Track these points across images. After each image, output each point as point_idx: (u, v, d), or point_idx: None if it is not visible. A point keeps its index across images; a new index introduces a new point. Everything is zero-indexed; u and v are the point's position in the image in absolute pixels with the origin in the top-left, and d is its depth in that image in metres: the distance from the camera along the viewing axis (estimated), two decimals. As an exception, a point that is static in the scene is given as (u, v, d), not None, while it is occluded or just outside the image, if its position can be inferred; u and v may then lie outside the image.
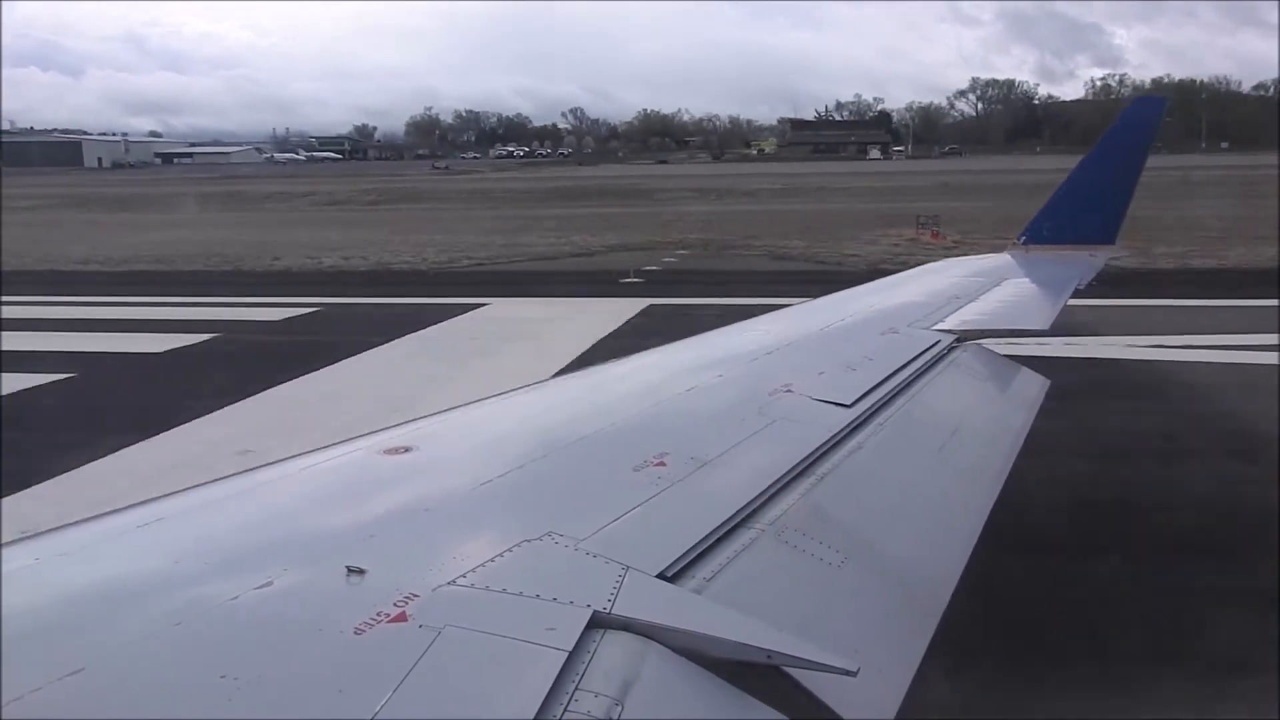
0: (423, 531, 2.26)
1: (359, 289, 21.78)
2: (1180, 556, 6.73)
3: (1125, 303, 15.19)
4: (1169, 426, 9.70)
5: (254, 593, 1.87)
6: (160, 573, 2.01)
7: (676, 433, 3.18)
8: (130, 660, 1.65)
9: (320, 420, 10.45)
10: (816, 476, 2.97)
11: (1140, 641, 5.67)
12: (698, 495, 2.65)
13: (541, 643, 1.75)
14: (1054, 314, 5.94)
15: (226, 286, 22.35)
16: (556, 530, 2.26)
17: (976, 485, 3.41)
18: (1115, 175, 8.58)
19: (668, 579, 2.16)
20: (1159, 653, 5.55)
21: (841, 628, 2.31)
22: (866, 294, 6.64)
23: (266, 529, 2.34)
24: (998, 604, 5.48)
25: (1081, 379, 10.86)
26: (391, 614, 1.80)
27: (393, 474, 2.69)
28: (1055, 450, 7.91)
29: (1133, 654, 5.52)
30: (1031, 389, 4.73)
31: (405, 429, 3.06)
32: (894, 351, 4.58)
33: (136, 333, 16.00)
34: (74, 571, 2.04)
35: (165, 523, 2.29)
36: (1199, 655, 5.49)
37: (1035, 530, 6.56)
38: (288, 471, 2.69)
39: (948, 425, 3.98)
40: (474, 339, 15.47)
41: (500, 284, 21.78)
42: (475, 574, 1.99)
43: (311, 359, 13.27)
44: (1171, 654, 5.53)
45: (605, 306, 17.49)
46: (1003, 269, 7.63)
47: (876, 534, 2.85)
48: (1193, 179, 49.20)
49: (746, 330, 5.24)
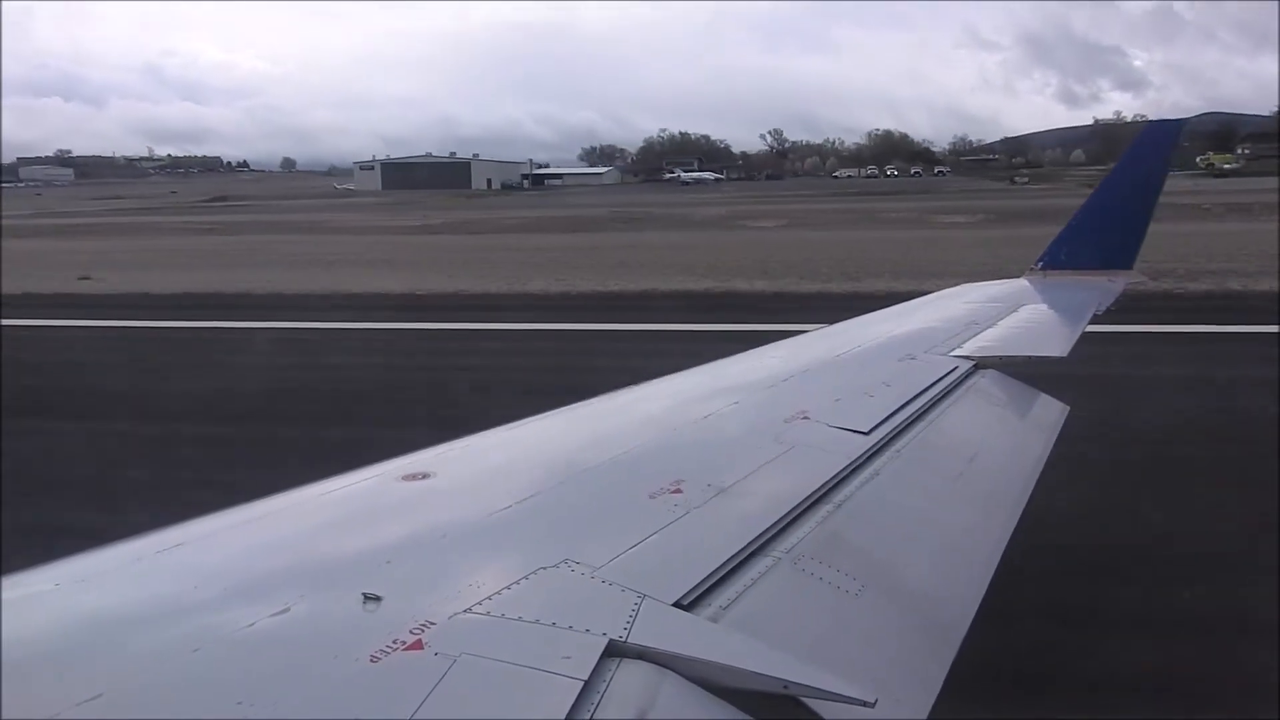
0: (439, 559, 2.27)
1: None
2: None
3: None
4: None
5: (270, 619, 1.88)
6: (178, 599, 2.02)
7: (693, 460, 3.17)
8: (148, 686, 1.65)
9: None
10: (834, 504, 2.96)
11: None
12: (714, 523, 2.64)
13: (557, 671, 1.75)
14: (1073, 340, 5.90)
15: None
16: (573, 558, 2.25)
17: (995, 513, 3.38)
18: (1132, 199, 8.53)
19: (684, 607, 2.15)
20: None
21: (859, 657, 2.29)
22: (883, 319, 6.62)
23: (284, 555, 2.35)
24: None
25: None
26: (408, 642, 1.80)
27: (410, 501, 2.70)
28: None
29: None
30: (1050, 415, 4.70)
31: (424, 455, 3.07)
32: (911, 377, 4.56)
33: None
34: (93, 596, 2.05)
35: (184, 549, 2.30)
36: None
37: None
38: (306, 498, 2.70)
39: (966, 452, 3.96)
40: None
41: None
42: (491, 601, 1.99)
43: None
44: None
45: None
46: (1020, 294, 7.60)
47: (894, 562, 2.83)
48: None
49: (762, 356, 5.23)
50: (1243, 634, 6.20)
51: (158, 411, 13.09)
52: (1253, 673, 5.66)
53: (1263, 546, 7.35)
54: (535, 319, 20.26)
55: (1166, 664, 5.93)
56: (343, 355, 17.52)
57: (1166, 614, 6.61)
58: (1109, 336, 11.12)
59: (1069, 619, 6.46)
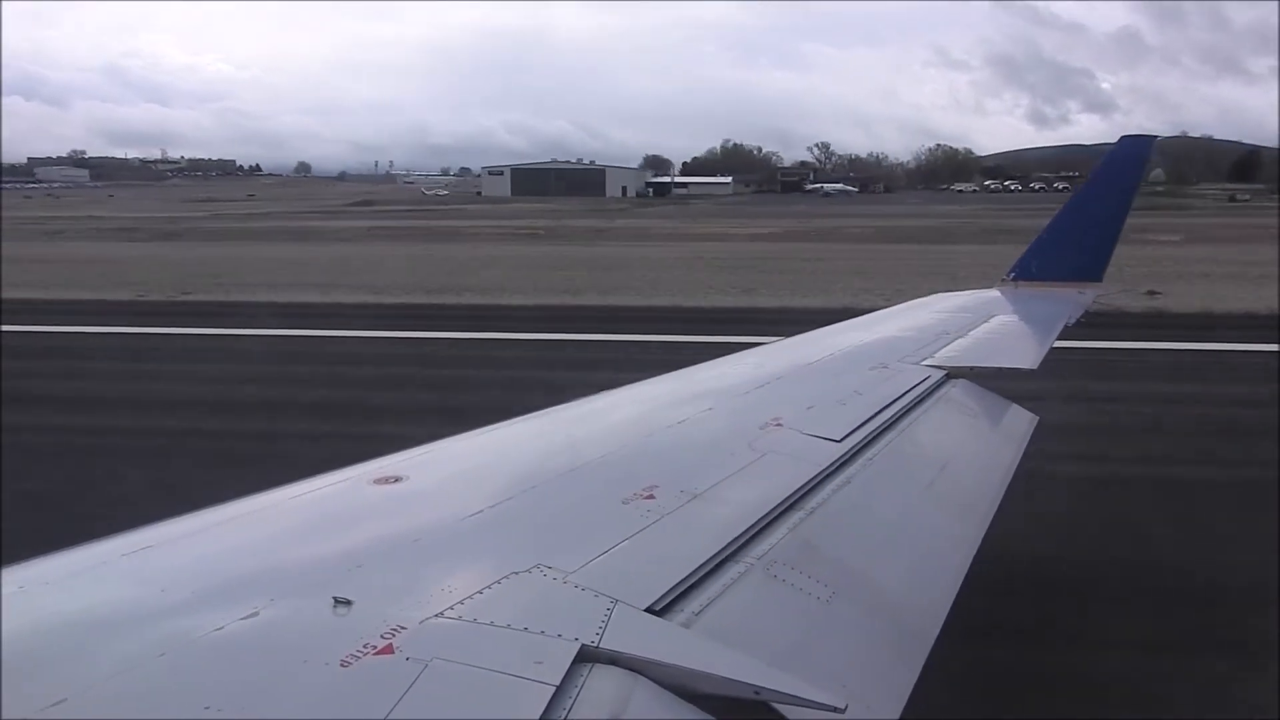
0: (411, 563, 2.26)
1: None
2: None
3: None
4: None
5: (240, 623, 1.86)
6: (145, 603, 2.00)
7: (666, 465, 3.18)
8: (114, 691, 1.63)
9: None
10: (806, 511, 2.97)
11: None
12: (687, 528, 2.65)
13: (529, 676, 1.75)
14: (1043, 352, 5.96)
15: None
16: (545, 563, 2.25)
17: (965, 521, 3.42)
18: (1103, 213, 8.65)
19: (656, 613, 2.15)
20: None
21: (830, 663, 2.30)
22: (855, 328, 6.67)
23: (253, 559, 2.32)
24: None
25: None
26: (378, 646, 1.79)
27: (382, 504, 2.68)
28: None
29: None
30: (1020, 425, 4.75)
31: (395, 459, 3.06)
32: (883, 386, 4.59)
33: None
34: (58, 600, 2.02)
35: (151, 551, 2.27)
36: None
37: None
38: (276, 501, 2.68)
39: (937, 461, 3.99)
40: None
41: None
42: (463, 606, 1.99)
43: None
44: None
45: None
46: (991, 304, 7.67)
47: (865, 569, 2.85)
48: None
49: (736, 363, 5.25)
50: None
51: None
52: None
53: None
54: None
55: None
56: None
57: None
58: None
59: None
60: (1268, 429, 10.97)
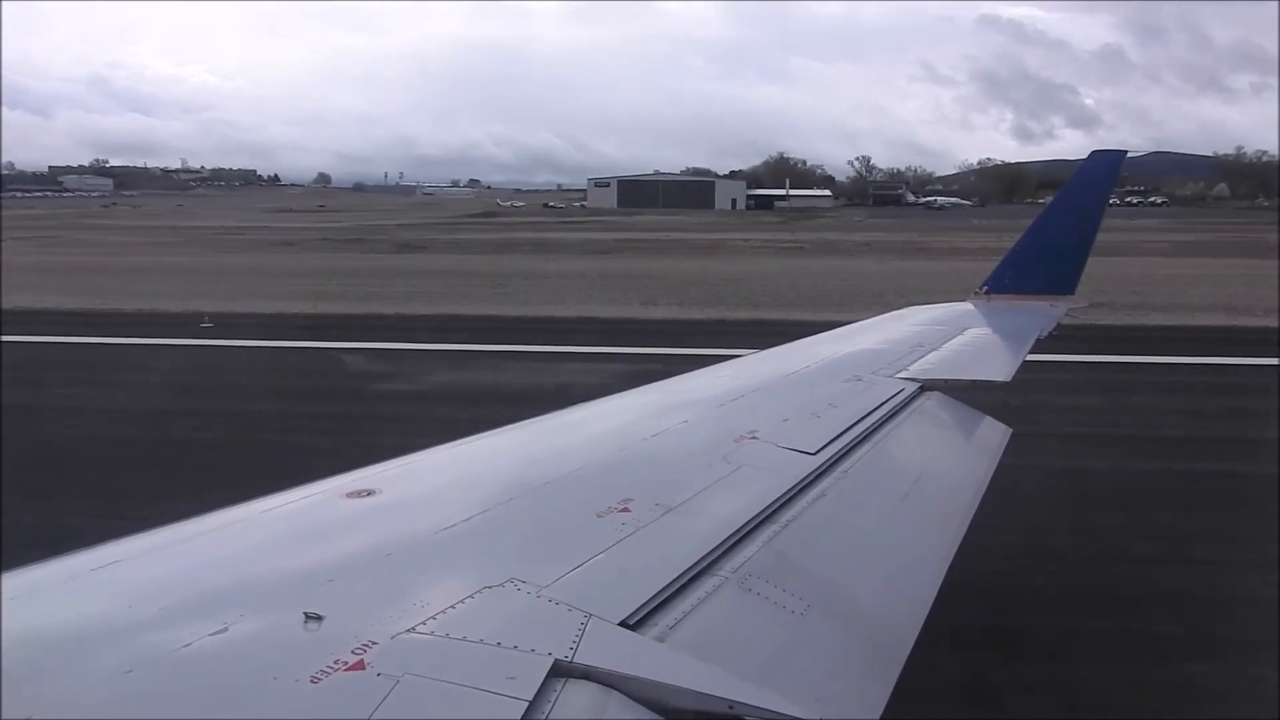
0: (383, 577, 2.24)
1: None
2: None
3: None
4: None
5: (208, 639, 1.84)
6: (112, 618, 1.97)
7: (641, 478, 3.17)
8: (80, 709, 1.61)
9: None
10: (781, 524, 2.98)
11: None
12: (661, 542, 2.64)
13: (501, 692, 1.73)
14: (1016, 364, 6.01)
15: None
16: (518, 577, 2.24)
17: (940, 533, 3.43)
18: (1075, 226, 8.75)
19: (630, 627, 2.14)
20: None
21: (804, 677, 2.30)
22: (830, 340, 6.69)
23: (223, 573, 2.30)
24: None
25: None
26: (349, 662, 1.77)
27: (354, 518, 2.66)
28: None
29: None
30: (994, 437, 4.78)
31: (368, 472, 3.03)
32: (858, 399, 4.61)
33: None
34: (22, 616, 1.99)
35: (119, 566, 2.24)
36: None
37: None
38: (246, 514, 2.65)
39: (911, 473, 4.01)
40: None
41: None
42: (435, 621, 1.97)
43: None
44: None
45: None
46: (965, 317, 7.73)
47: (840, 582, 2.85)
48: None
49: (711, 375, 5.26)
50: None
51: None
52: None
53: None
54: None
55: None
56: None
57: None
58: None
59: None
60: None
